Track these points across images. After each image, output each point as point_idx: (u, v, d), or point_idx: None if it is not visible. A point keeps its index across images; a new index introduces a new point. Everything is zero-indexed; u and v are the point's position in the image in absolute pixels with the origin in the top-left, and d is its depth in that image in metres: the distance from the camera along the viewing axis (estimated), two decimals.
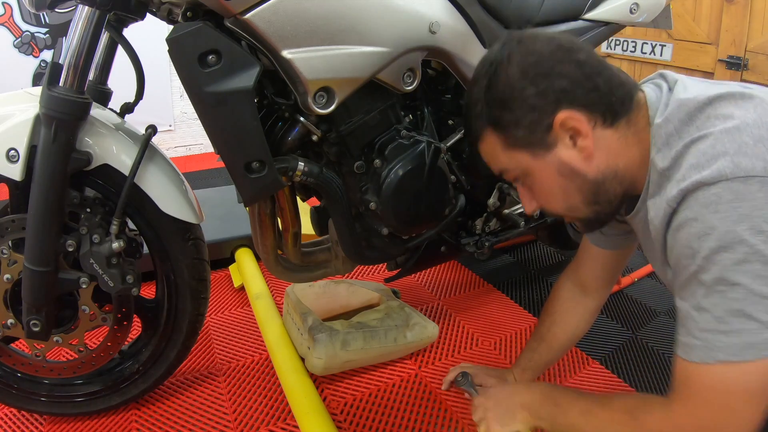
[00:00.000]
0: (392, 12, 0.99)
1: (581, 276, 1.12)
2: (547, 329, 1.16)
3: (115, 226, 1.04)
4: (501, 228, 1.44)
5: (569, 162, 0.80)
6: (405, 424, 1.25)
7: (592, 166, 0.79)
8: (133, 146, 1.07)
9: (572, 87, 0.77)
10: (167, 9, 1.04)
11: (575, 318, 1.14)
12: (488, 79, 0.81)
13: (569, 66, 0.77)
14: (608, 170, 0.80)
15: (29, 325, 1.05)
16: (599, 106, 0.77)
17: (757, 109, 0.69)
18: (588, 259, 1.10)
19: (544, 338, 1.17)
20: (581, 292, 1.13)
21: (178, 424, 1.25)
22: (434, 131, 1.19)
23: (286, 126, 1.05)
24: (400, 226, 1.15)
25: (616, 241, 1.04)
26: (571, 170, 0.80)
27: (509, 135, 0.81)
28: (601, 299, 1.13)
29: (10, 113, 1.00)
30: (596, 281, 1.10)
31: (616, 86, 0.78)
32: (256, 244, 1.25)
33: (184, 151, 3.37)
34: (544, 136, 0.79)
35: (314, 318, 1.38)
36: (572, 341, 1.17)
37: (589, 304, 1.13)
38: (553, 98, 0.77)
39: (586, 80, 0.77)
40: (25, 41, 2.83)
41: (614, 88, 0.78)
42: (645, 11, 1.44)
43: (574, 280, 1.14)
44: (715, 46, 2.64)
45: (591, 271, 1.10)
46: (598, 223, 0.88)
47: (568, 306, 1.14)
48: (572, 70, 0.77)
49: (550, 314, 1.16)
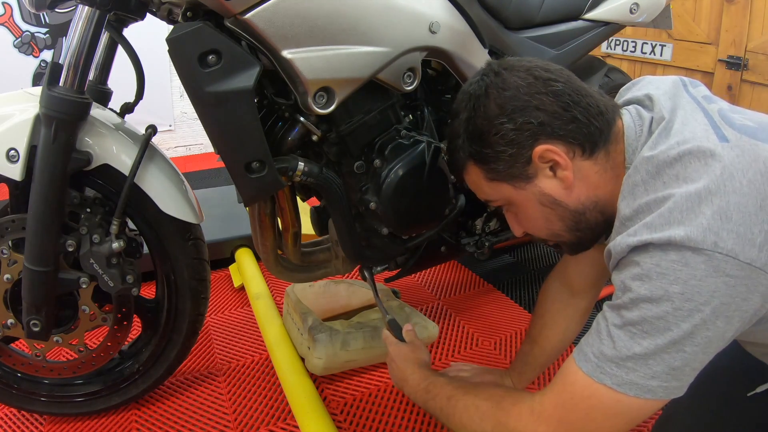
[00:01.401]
0: (392, 12, 0.99)
1: (569, 275, 1.11)
2: (538, 332, 1.16)
3: (115, 226, 1.04)
4: (501, 228, 1.44)
5: (550, 193, 0.81)
6: (405, 424, 1.25)
7: (572, 196, 0.81)
8: (133, 146, 1.07)
9: (549, 120, 0.78)
10: (167, 9, 1.04)
11: (565, 320, 1.13)
12: (467, 113, 0.83)
13: (546, 98, 0.78)
14: (588, 201, 0.81)
15: (29, 325, 1.05)
16: (577, 137, 0.78)
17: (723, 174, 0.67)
18: (575, 258, 1.09)
19: (536, 341, 1.16)
20: (569, 293, 1.12)
21: (178, 424, 1.25)
22: (434, 131, 1.19)
23: (286, 126, 1.05)
24: (400, 226, 1.15)
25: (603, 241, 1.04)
26: (552, 200, 0.82)
27: (490, 168, 0.83)
28: (590, 300, 1.13)
29: (10, 113, 1.00)
30: (584, 280, 1.10)
31: (595, 116, 0.79)
32: (256, 244, 1.25)
33: (184, 151, 3.37)
34: (524, 168, 0.80)
35: (314, 318, 1.38)
36: (565, 342, 1.16)
37: (578, 304, 1.12)
38: (531, 132, 0.78)
39: (564, 111, 0.78)
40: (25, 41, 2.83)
41: (592, 117, 0.79)
42: (645, 11, 1.44)
43: (562, 280, 1.13)
44: (715, 46, 2.64)
45: (579, 269, 1.09)
46: (581, 247, 0.89)
47: (558, 307, 1.13)
48: (549, 102, 0.78)
49: (540, 316, 1.15)
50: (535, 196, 0.82)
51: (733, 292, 0.65)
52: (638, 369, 0.69)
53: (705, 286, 0.65)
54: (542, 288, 1.17)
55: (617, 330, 0.71)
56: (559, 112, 0.78)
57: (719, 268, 0.64)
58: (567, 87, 0.79)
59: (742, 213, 0.65)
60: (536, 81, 0.79)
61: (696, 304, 0.65)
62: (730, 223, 0.64)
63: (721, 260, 0.64)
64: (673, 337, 0.67)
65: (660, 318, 0.67)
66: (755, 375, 0.90)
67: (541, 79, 0.79)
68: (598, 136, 0.79)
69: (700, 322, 0.66)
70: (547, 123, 0.78)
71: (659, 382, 0.69)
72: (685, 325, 0.66)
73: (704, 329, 0.66)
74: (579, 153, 0.79)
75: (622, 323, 0.71)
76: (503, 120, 0.79)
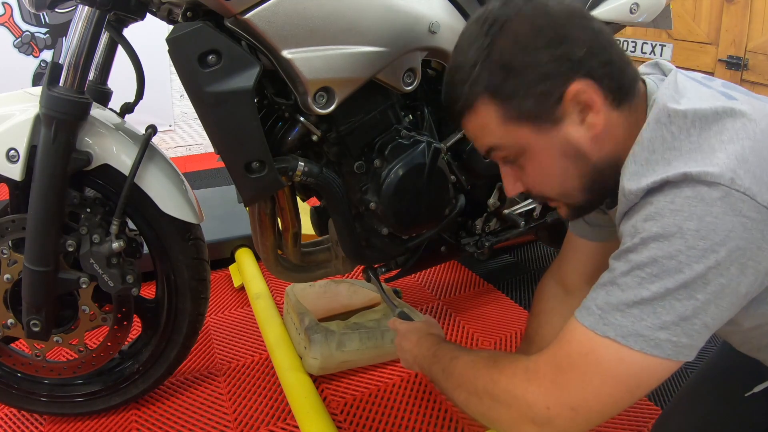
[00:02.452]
0: (392, 12, 0.99)
1: (564, 273, 1.09)
2: (534, 331, 1.15)
3: (115, 226, 1.04)
4: (501, 228, 1.44)
5: (576, 141, 0.72)
6: (405, 424, 1.25)
7: (597, 149, 0.73)
8: (133, 146, 1.07)
9: (589, 56, 0.69)
10: (167, 9, 1.04)
11: (561, 318, 1.12)
12: (490, 39, 0.70)
13: (586, 33, 0.70)
14: (609, 158, 0.73)
15: (29, 325, 1.05)
16: (612, 82, 0.70)
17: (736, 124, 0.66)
18: (571, 252, 1.07)
19: (533, 340, 1.16)
20: (564, 292, 1.10)
21: (178, 424, 1.25)
22: (434, 131, 1.19)
23: (286, 126, 1.05)
24: (400, 226, 1.15)
25: (601, 233, 1.02)
26: (576, 151, 0.73)
27: (512, 105, 0.71)
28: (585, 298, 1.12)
29: (10, 113, 1.00)
30: (579, 278, 1.08)
31: (627, 64, 0.73)
32: (256, 244, 1.25)
33: (184, 151, 3.37)
34: (553, 108, 0.70)
35: (311, 318, 1.38)
36: None
37: (573, 303, 1.10)
38: (569, 66, 0.69)
39: (602, 51, 0.70)
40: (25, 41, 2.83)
41: (625, 66, 0.72)
42: (645, 11, 1.44)
43: (557, 278, 1.11)
44: (715, 46, 2.65)
45: (574, 266, 1.06)
46: (584, 211, 0.83)
47: (553, 305, 1.12)
48: (589, 37, 0.70)
49: (536, 315, 1.14)
50: (558, 144, 0.72)
51: (750, 237, 0.60)
52: (645, 318, 0.63)
53: (721, 225, 0.60)
54: (538, 287, 1.17)
55: (623, 277, 0.65)
56: (598, 50, 0.69)
57: (736, 207, 0.60)
58: (603, 28, 0.72)
59: (757, 157, 0.62)
60: (574, 13, 0.71)
61: (711, 243, 0.60)
62: (746, 164, 0.61)
63: (738, 199, 0.60)
64: (684, 279, 0.61)
65: (671, 257, 0.61)
66: (753, 375, 0.90)
67: (578, 13, 0.71)
68: (629, 86, 0.72)
69: (715, 264, 0.60)
70: (586, 59, 0.69)
71: (668, 335, 0.62)
72: (698, 266, 0.61)
73: (718, 274, 0.61)
74: (609, 100, 0.71)
75: (630, 268, 0.65)
76: (539, 47, 0.69)
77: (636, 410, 1.28)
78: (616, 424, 1.24)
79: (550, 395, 0.68)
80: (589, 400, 0.66)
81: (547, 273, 1.15)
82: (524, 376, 0.72)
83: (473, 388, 0.79)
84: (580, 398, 0.67)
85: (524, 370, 0.72)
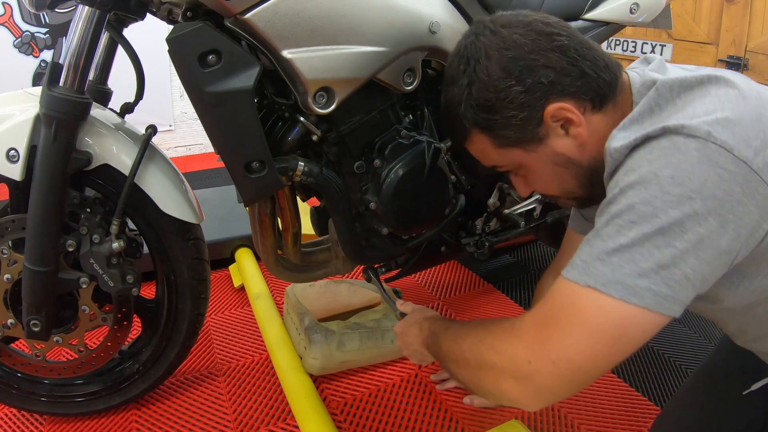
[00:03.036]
0: (392, 12, 0.99)
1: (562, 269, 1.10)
2: None
3: (115, 226, 1.04)
4: (501, 228, 1.44)
5: (563, 151, 0.78)
6: (405, 424, 1.25)
7: (585, 153, 0.78)
8: (133, 146, 1.07)
9: (558, 77, 0.74)
10: (167, 9, 1.04)
11: None
12: (467, 79, 0.78)
13: (552, 55, 0.74)
14: (600, 155, 0.76)
15: (29, 325, 1.05)
16: (587, 92, 0.75)
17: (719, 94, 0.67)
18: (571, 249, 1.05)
19: None
20: None
21: (178, 424, 1.25)
22: (434, 131, 1.19)
23: (286, 126, 1.05)
24: (400, 226, 1.15)
25: None
26: (566, 159, 0.79)
27: (499, 135, 0.79)
28: None
29: (10, 113, 1.00)
30: None
31: (602, 69, 0.76)
32: (256, 244, 1.25)
33: (184, 151, 3.37)
34: (536, 130, 0.77)
35: (311, 318, 1.38)
36: None
37: None
38: (541, 92, 0.75)
39: (572, 67, 0.75)
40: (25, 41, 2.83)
41: (600, 71, 0.76)
42: (645, 11, 1.44)
43: (556, 276, 1.12)
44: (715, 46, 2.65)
45: None
46: (593, 201, 0.85)
47: None
48: (556, 58, 0.74)
49: None
50: (548, 157, 0.79)
51: (727, 189, 0.61)
52: (624, 265, 0.62)
53: (697, 173, 0.61)
54: (538, 285, 1.17)
55: (604, 228, 0.66)
56: (567, 68, 0.74)
57: (712, 157, 0.61)
58: (571, 41, 0.76)
59: (739, 120, 0.63)
60: (539, 37, 0.75)
61: (686, 189, 0.61)
62: (725, 123, 0.63)
63: (714, 150, 0.61)
64: (660, 224, 0.62)
65: (647, 203, 0.62)
66: (751, 372, 0.90)
67: (543, 34, 0.76)
68: (607, 89, 0.76)
69: (691, 212, 0.61)
70: (556, 81, 0.74)
71: (647, 283, 0.62)
72: (674, 212, 0.61)
73: (696, 223, 0.61)
74: (589, 108, 0.76)
75: (609, 218, 0.66)
76: (511, 83, 0.75)
77: (635, 410, 1.28)
78: (616, 424, 1.24)
79: (531, 349, 0.67)
80: (569, 352, 0.65)
81: (547, 271, 1.16)
82: (510, 333, 0.71)
83: (460, 351, 0.80)
84: (560, 350, 0.65)
85: (510, 328, 0.72)
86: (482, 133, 0.81)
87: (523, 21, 0.77)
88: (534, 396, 0.68)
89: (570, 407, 1.29)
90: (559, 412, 1.27)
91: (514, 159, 0.82)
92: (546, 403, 0.69)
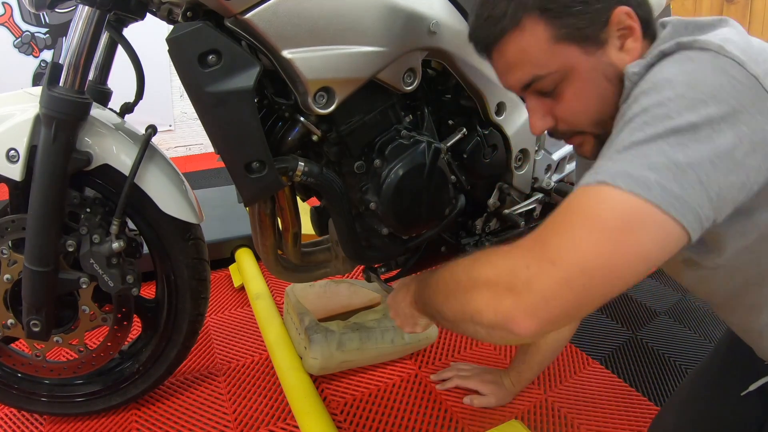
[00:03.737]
0: (392, 12, 0.99)
1: None
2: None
3: (115, 226, 1.04)
4: (501, 228, 1.44)
5: (617, 65, 0.72)
6: (405, 424, 1.25)
7: None
8: (133, 146, 1.07)
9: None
10: (167, 9, 1.04)
11: None
12: None
13: None
14: None
15: (29, 325, 1.05)
16: (644, 12, 0.74)
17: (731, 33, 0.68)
18: None
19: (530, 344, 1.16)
20: None
21: (178, 424, 1.25)
22: (434, 131, 1.19)
23: (286, 126, 1.05)
24: (400, 226, 1.15)
25: None
26: (617, 74, 0.72)
27: (563, 24, 0.71)
28: None
29: (10, 113, 1.00)
30: None
31: None
32: (256, 244, 1.25)
33: (184, 151, 3.37)
34: (600, 30, 0.71)
35: (311, 318, 1.38)
36: (560, 342, 1.16)
37: None
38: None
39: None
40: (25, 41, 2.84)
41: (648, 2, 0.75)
42: None
43: None
44: None
45: None
46: None
47: None
48: None
49: None
50: (602, 67, 0.73)
51: (741, 98, 0.60)
52: (634, 159, 0.59)
53: (710, 79, 0.60)
54: None
55: (617, 136, 0.63)
56: None
57: (725, 67, 0.61)
58: None
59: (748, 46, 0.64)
60: None
61: (699, 94, 0.60)
62: (736, 44, 0.63)
63: (727, 61, 0.61)
64: (674, 125, 0.59)
65: (660, 104, 0.60)
66: (748, 373, 0.90)
67: None
68: (651, 17, 0.75)
69: (706, 116, 0.59)
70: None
71: (657, 176, 0.57)
72: (688, 114, 0.59)
73: (710, 128, 0.58)
74: (643, 29, 0.74)
75: (622, 125, 0.63)
76: None
77: (635, 410, 1.28)
78: (615, 424, 1.24)
79: (531, 252, 0.61)
80: (568, 248, 0.58)
81: None
82: (508, 248, 0.65)
83: (452, 278, 0.73)
84: (559, 249, 0.59)
85: (506, 248, 0.66)
86: (541, 20, 0.71)
87: None
88: (532, 311, 0.59)
89: (570, 407, 1.29)
90: (559, 412, 1.27)
91: (566, 61, 0.72)
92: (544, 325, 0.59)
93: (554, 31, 0.71)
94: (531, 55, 0.73)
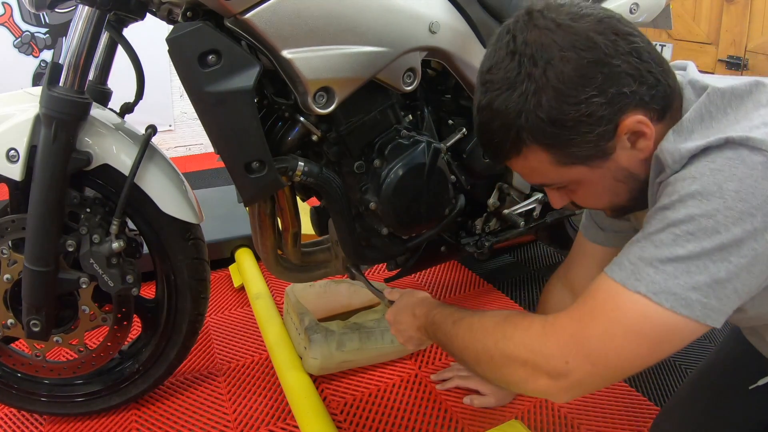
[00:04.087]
0: (392, 12, 0.99)
1: (572, 277, 1.09)
2: None
3: (115, 226, 1.04)
4: (501, 228, 1.44)
5: (627, 166, 0.72)
6: (405, 424, 1.25)
7: (645, 165, 0.72)
8: (133, 146, 1.07)
9: (638, 86, 0.66)
10: (167, 9, 1.04)
11: None
12: (535, 85, 0.66)
13: (632, 59, 0.66)
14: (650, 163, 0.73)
15: (29, 325, 1.05)
16: (658, 101, 0.68)
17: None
18: (581, 256, 1.07)
19: None
20: (571, 295, 1.09)
21: (178, 424, 1.25)
22: (434, 131, 1.19)
23: (286, 126, 1.05)
24: (400, 226, 1.15)
25: (615, 239, 1.02)
26: (627, 174, 0.73)
27: (565, 153, 0.70)
28: None
29: (10, 113, 1.00)
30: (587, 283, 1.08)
31: (669, 74, 0.70)
32: (256, 244, 1.25)
33: (184, 151, 3.37)
34: (606, 145, 0.69)
35: (311, 318, 1.38)
36: None
37: None
38: (622, 104, 0.66)
39: (648, 74, 0.67)
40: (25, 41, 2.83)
41: (668, 76, 0.70)
42: (645, 11, 1.44)
43: (564, 281, 1.11)
44: (715, 46, 2.65)
45: (583, 270, 1.06)
46: (633, 210, 0.81)
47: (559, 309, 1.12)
48: (635, 64, 0.66)
49: None
50: (610, 173, 0.72)
51: None
52: (679, 276, 0.61)
53: (760, 189, 0.60)
54: (544, 289, 1.17)
55: (659, 234, 0.63)
56: (644, 75, 0.66)
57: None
58: (644, 42, 0.68)
59: None
60: (618, 37, 0.66)
61: (748, 206, 0.59)
62: None
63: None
64: (721, 240, 0.60)
65: (709, 216, 0.60)
66: (756, 368, 0.90)
67: (620, 33, 0.66)
68: (673, 97, 0.70)
69: (751, 229, 0.59)
70: (637, 90, 0.66)
71: (699, 296, 0.61)
72: (735, 229, 0.60)
73: (752, 239, 0.60)
74: (656, 118, 0.69)
75: (665, 225, 0.63)
76: (592, 93, 0.65)
77: (635, 410, 1.28)
78: (615, 424, 1.24)
79: (570, 348, 0.66)
80: (609, 354, 0.64)
81: (554, 276, 1.14)
82: (541, 331, 0.70)
83: (483, 347, 0.76)
84: (600, 352, 0.65)
85: (542, 325, 0.70)
86: (544, 150, 0.70)
87: (593, 15, 0.67)
88: (567, 391, 0.68)
89: (570, 407, 1.29)
90: (559, 412, 1.27)
91: (573, 177, 0.73)
92: (577, 396, 0.70)
93: (557, 158, 0.71)
94: (539, 172, 0.75)
